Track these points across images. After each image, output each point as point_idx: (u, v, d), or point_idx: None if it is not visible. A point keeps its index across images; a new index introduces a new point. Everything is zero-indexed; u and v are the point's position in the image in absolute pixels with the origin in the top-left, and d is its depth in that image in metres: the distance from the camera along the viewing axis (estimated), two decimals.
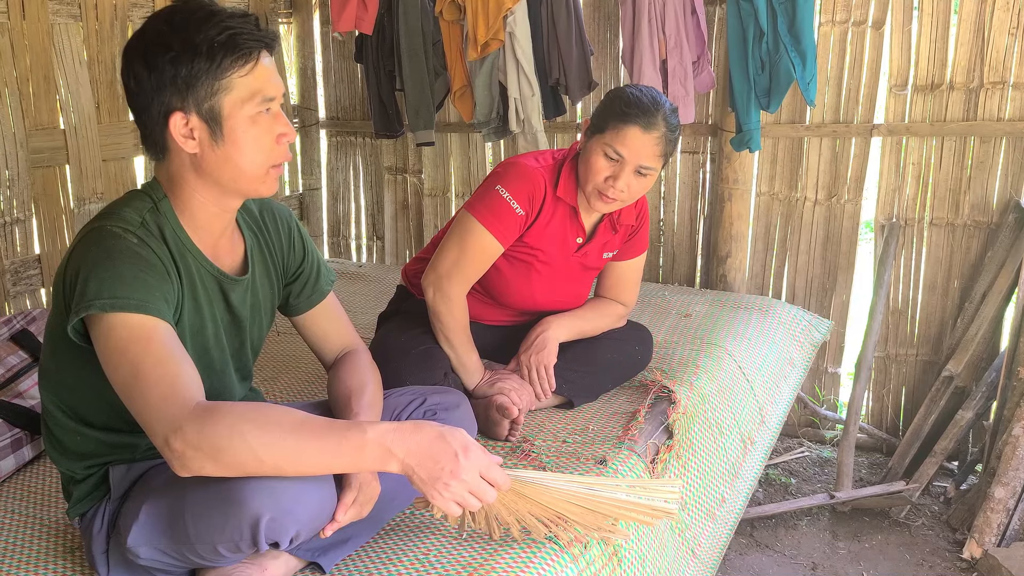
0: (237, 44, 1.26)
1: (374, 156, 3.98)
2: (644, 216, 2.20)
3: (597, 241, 2.12)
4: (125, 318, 1.22)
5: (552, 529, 1.43)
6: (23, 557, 1.53)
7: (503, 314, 2.20)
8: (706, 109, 3.29)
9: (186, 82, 1.25)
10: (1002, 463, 2.59)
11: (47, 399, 1.41)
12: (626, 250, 2.21)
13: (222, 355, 1.45)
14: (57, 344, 1.35)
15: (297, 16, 3.90)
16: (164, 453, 1.17)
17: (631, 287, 2.25)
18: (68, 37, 2.79)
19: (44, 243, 2.80)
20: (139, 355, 1.20)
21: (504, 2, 2.91)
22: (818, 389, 3.35)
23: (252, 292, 1.49)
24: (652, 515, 1.45)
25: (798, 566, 2.60)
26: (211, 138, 1.29)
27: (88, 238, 1.28)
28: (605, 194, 1.94)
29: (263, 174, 1.34)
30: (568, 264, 2.11)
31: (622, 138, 1.89)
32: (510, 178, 1.99)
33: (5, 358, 2.07)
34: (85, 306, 1.22)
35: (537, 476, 1.41)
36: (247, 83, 1.28)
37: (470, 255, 1.99)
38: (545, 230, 2.04)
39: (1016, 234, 2.90)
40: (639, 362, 2.25)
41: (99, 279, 1.22)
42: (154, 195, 1.35)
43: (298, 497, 1.23)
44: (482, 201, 1.99)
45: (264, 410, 1.21)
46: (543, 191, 1.99)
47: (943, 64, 2.94)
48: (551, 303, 2.16)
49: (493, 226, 1.97)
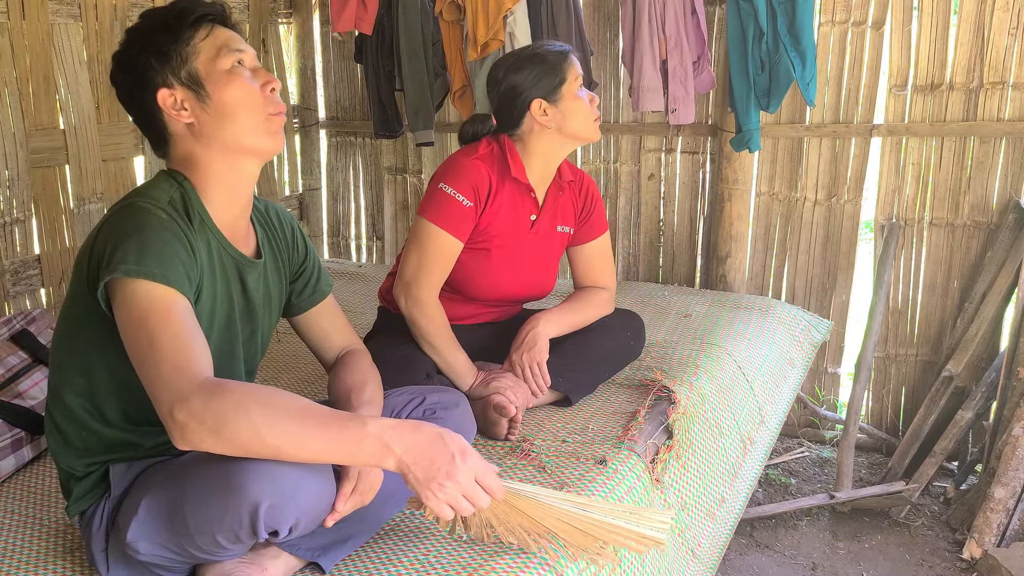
0: (189, 12, 1.37)
1: (374, 156, 3.98)
2: (595, 195, 2.28)
3: (547, 211, 2.19)
4: (149, 287, 1.25)
5: (541, 544, 1.43)
6: (23, 557, 1.52)
7: (478, 308, 2.21)
8: (706, 109, 3.29)
9: (158, 60, 1.35)
10: (1002, 463, 2.59)
11: (60, 389, 1.41)
12: (585, 231, 2.27)
13: (234, 340, 1.47)
14: (75, 328, 1.38)
15: (297, 16, 3.90)
16: (167, 424, 1.19)
17: (604, 268, 2.30)
18: (68, 37, 2.79)
19: (44, 243, 2.80)
20: (157, 326, 1.23)
21: (504, 2, 2.91)
22: (818, 389, 3.35)
23: (264, 280, 1.52)
24: (641, 542, 1.45)
25: (798, 566, 2.60)
26: (199, 101, 1.36)
27: (119, 213, 1.33)
28: (597, 117, 2.12)
29: (263, 121, 1.39)
30: (525, 244, 2.16)
31: (575, 67, 2.09)
32: (450, 174, 2.06)
33: (5, 358, 2.07)
34: (111, 270, 1.25)
35: (532, 491, 1.41)
36: (211, 43, 1.37)
37: (430, 256, 2.04)
38: (498, 215, 2.10)
39: (1016, 234, 2.90)
40: (633, 349, 2.27)
41: (127, 247, 1.26)
42: (178, 177, 1.40)
43: (298, 484, 1.24)
44: (430, 202, 2.05)
45: (271, 392, 1.23)
46: (486, 178, 2.06)
47: (943, 64, 2.94)
48: (518, 288, 2.20)
49: (445, 223, 2.03)
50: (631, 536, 1.45)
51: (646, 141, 3.42)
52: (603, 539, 1.45)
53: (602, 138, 3.47)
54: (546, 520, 1.41)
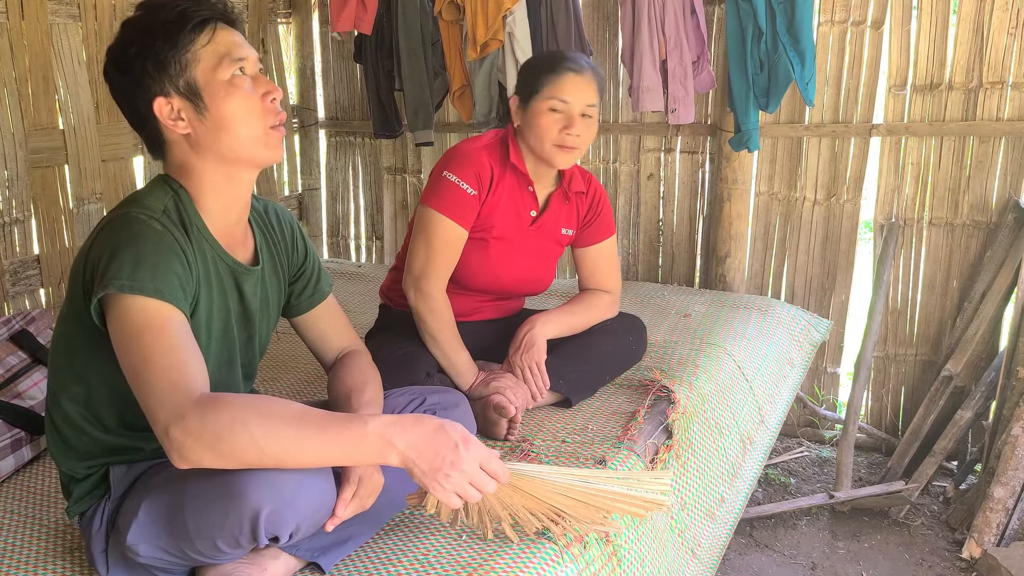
0: (188, 17, 1.31)
1: (373, 156, 3.98)
2: (602, 200, 2.26)
3: (551, 213, 2.17)
4: (143, 303, 1.23)
5: (545, 523, 1.42)
6: (23, 557, 1.52)
7: (477, 301, 2.21)
8: (705, 109, 3.29)
9: (155, 67, 1.30)
10: (1001, 463, 2.59)
11: (58, 394, 1.41)
12: (590, 234, 2.25)
13: (231, 347, 1.46)
14: (72, 336, 1.36)
15: (296, 16, 3.90)
16: (163, 443, 1.18)
17: (609, 272, 2.29)
18: (67, 37, 2.79)
19: (43, 243, 2.80)
20: (151, 342, 1.22)
21: (503, 2, 2.91)
22: (817, 389, 3.36)
23: (262, 285, 1.51)
24: (644, 507, 1.45)
25: (797, 566, 2.60)
26: (196, 112, 1.32)
27: (113, 224, 1.30)
28: (564, 145, 2.00)
29: (262, 135, 1.36)
30: (525, 238, 2.16)
31: (562, 87, 1.98)
32: (454, 163, 2.05)
33: (4, 358, 2.07)
34: (104, 285, 1.23)
35: (534, 469, 1.41)
36: (211, 51, 1.32)
37: (437, 246, 2.03)
38: (497, 206, 2.09)
39: (1015, 234, 2.90)
40: (634, 353, 2.27)
41: (121, 261, 1.24)
42: (173, 184, 1.37)
43: (298, 489, 1.23)
44: (434, 191, 2.05)
45: (266, 401, 1.22)
46: (488, 168, 2.05)
47: (942, 64, 2.95)
48: (516, 281, 2.20)
49: (450, 211, 2.02)
50: (634, 502, 1.44)
51: (645, 141, 3.42)
52: (607, 508, 1.44)
53: (601, 137, 3.47)
54: (550, 497, 1.40)
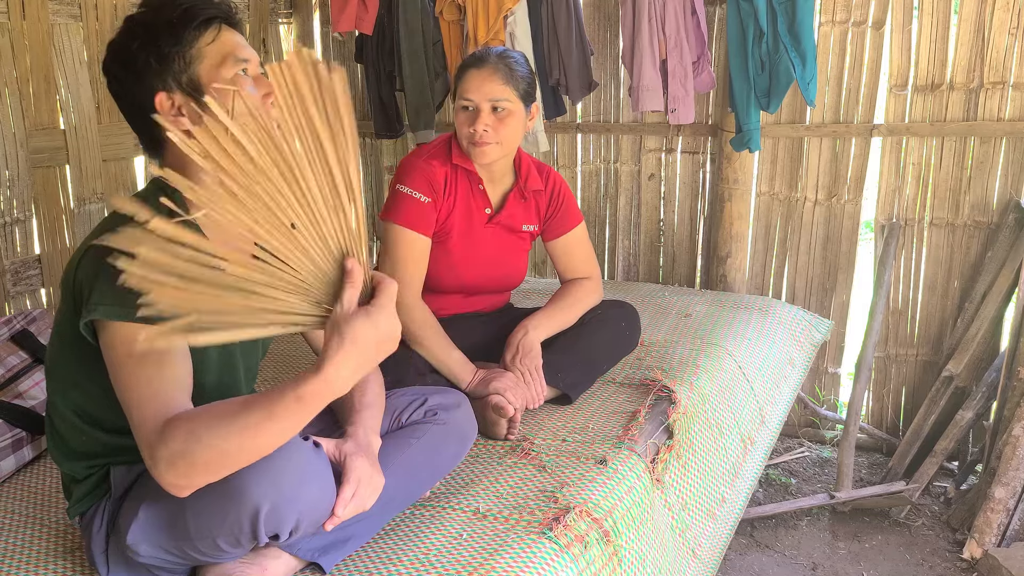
0: (194, 15, 1.31)
1: (374, 156, 3.98)
2: (562, 191, 2.28)
3: (508, 211, 2.20)
4: (128, 329, 1.20)
5: None
6: (23, 557, 1.53)
7: (451, 300, 2.23)
8: (706, 109, 3.29)
9: (159, 62, 1.30)
10: (1002, 463, 2.59)
11: (56, 397, 1.41)
12: (555, 226, 2.28)
13: (231, 350, 1.45)
14: (66, 341, 1.35)
15: (297, 16, 3.90)
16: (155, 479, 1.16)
17: (584, 258, 2.31)
18: (68, 37, 2.79)
19: (44, 243, 2.80)
20: (132, 371, 1.20)
21: (504, 2, 2.91)
22: (818, 389, 3.35)
23: None
24: None
25: (798, 566, 2.60)
26: (198, 109, 1.31)
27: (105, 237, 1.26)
28: (475, 141, 2.05)
29: None
30: (484, 236, 2.19)
31: (465, 84, 2.05)
32: (404, 175, 2.11)
33: (5, 358, 2.07)
34: (90, 310, 1.22)
35: None
36: (216, 49, 1.32)
37: (403, 258, 2.07)
38: (453, 208, 2.14)
39: (1016, 234, 2.90)
40: (629, 339, 2.27)
41: (107, 283, 1.20)
42: (168, 191, 1.34)
43: (298, 486, 1.24)
44: (391, 206, 2.10)
45: (207, 407, 1.17)
46: (438, 173, 2.10)
47: (943, 64, 2.94)
48: (483, 278, 2.23)
49: (408, 222, 2.07)
50: None
51: (646, 141, 3.42)
52: None
53: (602, 138, 3.48)
54: None
